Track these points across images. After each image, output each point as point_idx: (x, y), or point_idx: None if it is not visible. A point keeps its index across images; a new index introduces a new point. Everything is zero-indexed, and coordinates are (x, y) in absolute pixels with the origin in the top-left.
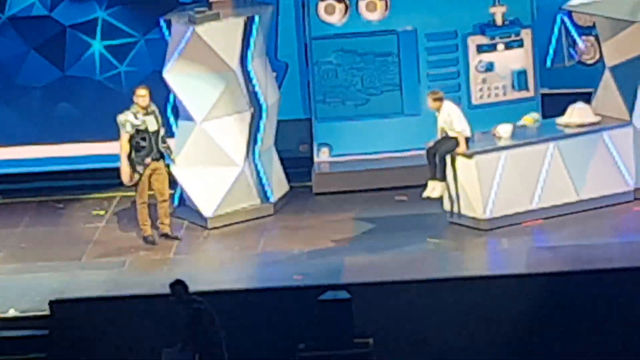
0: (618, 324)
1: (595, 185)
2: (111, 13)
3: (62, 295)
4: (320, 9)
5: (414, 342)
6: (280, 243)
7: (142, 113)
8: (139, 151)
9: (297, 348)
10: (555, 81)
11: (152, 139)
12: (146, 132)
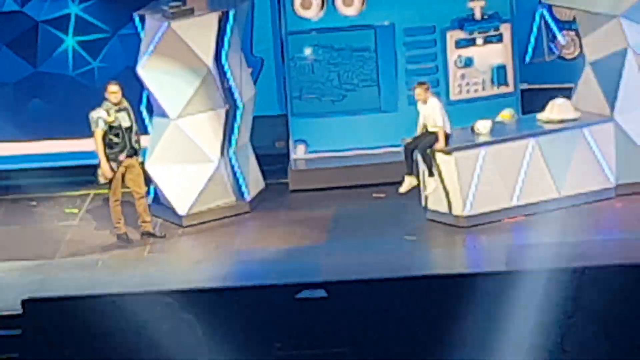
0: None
1: (576, 182)
2: (84, 8)
3: (35, 295)
4: (296, 4)
5: (390, 340)
6: (256, 241)
7: (115, 109)
8: (112, 148)
9: (274, 347)
10: (535, 76)
11: (126, 135)
12: (119, 128)
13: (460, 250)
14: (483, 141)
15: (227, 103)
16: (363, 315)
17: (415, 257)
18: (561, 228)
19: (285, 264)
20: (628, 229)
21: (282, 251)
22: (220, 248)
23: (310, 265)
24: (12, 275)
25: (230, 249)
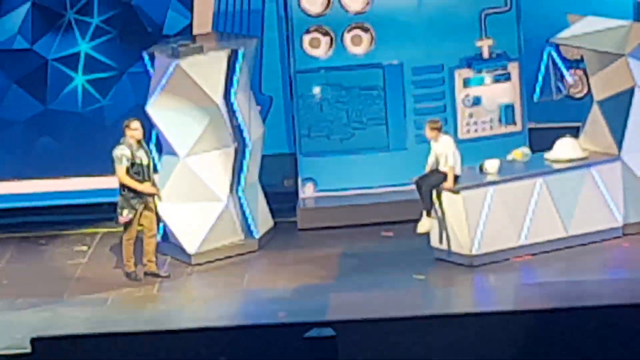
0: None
1: (584, 221)
2: (94, 46)
3: (44, 333)
4: (305, 42)
5: None
6: (265, 279)
7: (136, 147)
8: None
9: None
10: (542, 115)
11: (145, 172)
12: (140, 165)
13: (469, 290)
14: (491, 180)
15: (236, 141)
16: (371, 355)
17: (425, 296)
18: (568, 267)
19: (293, 303)
20: (635, 269)
21: (290, 290)
22: (229, 286)
23: (318, 304)
24: (21, 314)
25: (239, 287)
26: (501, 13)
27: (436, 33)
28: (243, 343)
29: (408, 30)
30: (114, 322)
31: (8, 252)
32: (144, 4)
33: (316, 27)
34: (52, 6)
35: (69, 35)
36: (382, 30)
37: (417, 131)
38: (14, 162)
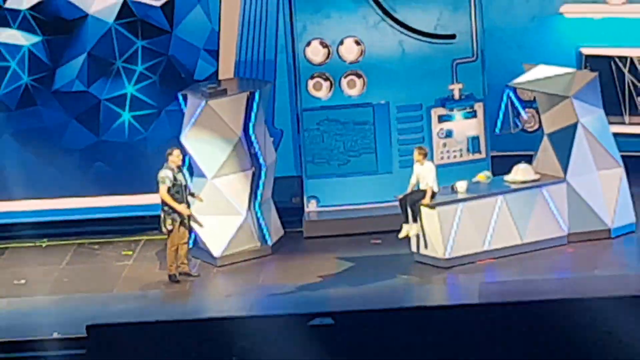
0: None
1: (536, 231)
2: (138, 89)
3: (96, 321)
4: (309, 86)
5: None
6: (277, 278)
7: (176, 170)
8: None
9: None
10: (502, 145)
11: (183, 192)
12: (180, 186)
13: (442, 287)
14: (460, 198)
15: (254, 166)
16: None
17: (406, 291)
18: (523, 269)
19: (299, 297)
20: (577, 270)
21: (297, 286)
22: (247, 284)
23: (320, 298)
24: (78, 306)
25: (256, 284)
26: (469, 62)
27: (416, 78)
28: (258, 330)
29: (393, 76)
30: (153, 312)
31: (68, 256)
32: (178, 54)
33: (318, 73)
34: (104, 56)
35: (118, 80)
36: (372, 76)
37: (400, 158)
38: (74, 183)
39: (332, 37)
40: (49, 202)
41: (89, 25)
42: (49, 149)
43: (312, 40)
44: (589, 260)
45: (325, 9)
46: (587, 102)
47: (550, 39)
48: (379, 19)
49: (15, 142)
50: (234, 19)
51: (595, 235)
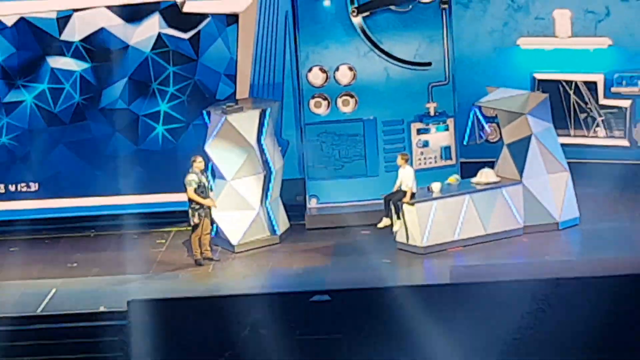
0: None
1: (497, 224)
2: (170, 106)
3: (135, 297)
4: (311, 105)
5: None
6: (284, 262)
7: (200, 174)
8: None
9: (296, 333)
10: (470, 153)
11: (207, 191)
12: (204, 187)
13: (420, 269)
14: (435, 197)
15: (265, 170)
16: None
17: (390, 273)
18: (486, 255)
19: (302, 278)
20: (532, 256)
21: (301, 269)
22: (259, 267)
23: (319, 278)
24: (121, 284)
25: (266, 267)
26: (442, 85)
27: (398, 98)
28: (268, 305)
29: (380, 96)
30: (182, 290)
31: (113, 244)
32: (203, 78)
33: (318, 94)
34: (141, 80)
35: (153, 99)
36: (362, 96)
37: (385, 164)
38: (117, 184)
39: (329, 64)
40: (96, 199)
41: (130, 54)
42: (96, 156)
43: (313, 67)
44: (541, 248)
45: (324, 41)
46: (539, 118)
47: (509, 66)
48: (368, 49)
49: (68, 151)
50: (248, 49)
51: (545, 228)
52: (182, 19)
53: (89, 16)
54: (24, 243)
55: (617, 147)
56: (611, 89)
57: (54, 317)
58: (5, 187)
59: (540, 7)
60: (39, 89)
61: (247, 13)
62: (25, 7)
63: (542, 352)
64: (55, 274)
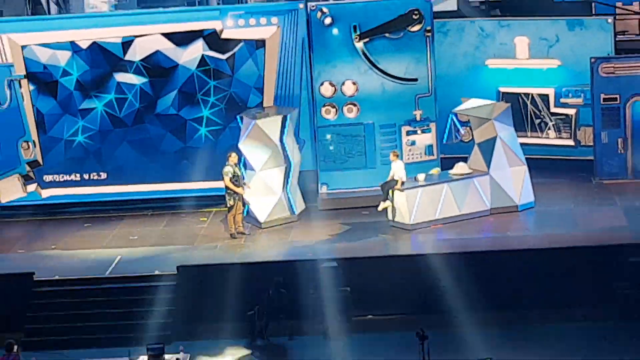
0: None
1: (469, 206)
2: (211, 112)
3: (183, 263)
4: (322, 111)
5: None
6: (300, 236)
7: (234, 166)
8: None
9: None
10: (448, 150)
11: (240, 180)
12: (237, 177)
13: (408, 242)
14: (420, 185)
15: (286, 163)
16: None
17: (385, 245)
18: (461, 231)
19: (315, 248)
20: (497, 232)
21: (314, 241)
22: (281, 240)
23: (328, 249)
24: (172, 253)
25: (287, 240)
26: (426, 97)
27: (392, 107)
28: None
29: (377, 105)
30: (220, 257)
31: (165, 221)
32: (237, 90)
33: (328, 103)
34: (188, 91)
35: (197, 107)
36: (363, 104)
37: (381, 158)
38: (168, 173)
39: (337, 79)
40: (152, 186)
41: (179, 71)
42: (152, 151)
43: (324, 82)
44: (504, 225)
45: (332, 61)
46: (503, 122)
47: (479, 82)
48: (368, 68)
49: (130, 147)
50: (273, 67)
51: (508, 210)
52: (221, 44)
53: (147, 41)
54: (95, 220)
55: (565, 146)
56: (560, 100)
57: (119, 279)
58: (80, 176)
59: (504, 34)
60: (108, 98)
61: (272, 39)
62: (97, 34)
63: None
64: (119, 244)
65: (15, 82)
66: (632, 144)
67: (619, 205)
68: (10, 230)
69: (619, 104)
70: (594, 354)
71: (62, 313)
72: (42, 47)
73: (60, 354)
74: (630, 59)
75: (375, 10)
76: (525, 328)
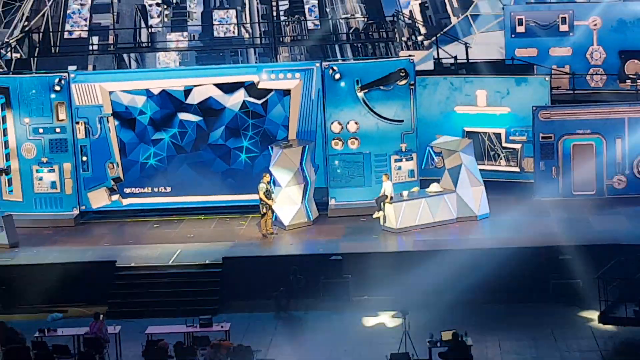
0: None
1: (441, 215)
2: (250, 143)
3: (227, 255)
4: (332, 144)
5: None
6: (315, 236)
7: (267, 183)
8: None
9: (321, 278)
10: (426, 173)
11: (271, 194)
12: (269, 192)
13: (395, 242)
14: (404, 199)
15: (305, 181)
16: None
17: (378, 243)
18: (434, 234)
19: (325, 245)
20: (461, 235)
21: (324, 240)
22: (300, 239)
23: (336, 246)
24: (219, 247)
25: (304, 239)
26: (410, 134)
27: (383, 141)
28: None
29: (372, 140)
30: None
31: (213, 224)
32: (269, 127)
33: (337, 137)
34: (233, 127)
35: (239, 139)
36: (363, 139)
37: (375, 179)
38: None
39: (343, 119)
40: (204, 197)
41: (226, 112)
42: (205, 171)
43: (334, 121)
44: (466, 231)
45: (340, 106)
46: (467, 153)
47: (449, 123)
48: (366, 111)
49: (189, 168)
50: (296, 110)
51: (469, 219)
52: (258, 92)
53: (202, 89)
54: (162, 222)
55: (512, 172)
56: (510, 137)
57: (179, 266)
58: (151, 189)
59: (468, 88)
60: (173, 131)
61: (296, 89)
62: (165, 83)
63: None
64: (179, 240)
65: (104, 119)
66: (562, 171)
67: (552, 217)
68: (98, 229)
69: (553, 141)
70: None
71: (136, 291)
72: (124, 93)
73: (134, 321)
74: (562, 107)
75: (372, 69)
76: (480, 307)
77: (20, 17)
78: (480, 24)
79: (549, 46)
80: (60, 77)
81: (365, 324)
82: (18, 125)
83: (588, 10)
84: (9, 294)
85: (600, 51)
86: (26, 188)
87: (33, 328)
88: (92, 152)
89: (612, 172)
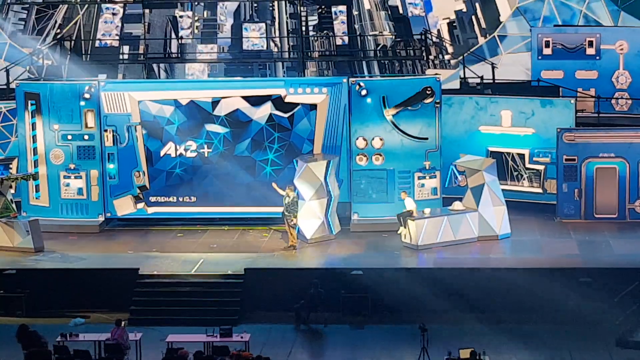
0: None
1: (462, 234)
2: (275, 156)
3: (249, 266)
4: (356, 159)
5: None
6: (337, 250)
7: (290, 193)
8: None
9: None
10: (449, 192)
11: (296, 207)
12: (295, 204)
13: (416, 258)
14: (427, 216)
15: (328, 195)
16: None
17: (399, 259)
18: (456, 252)
19: (347, 259)
20: (482, 254)
21: (347, 254)
22: (322, 252)
23: (357, 260)
24: (240, 259)
25: (326, 252)
26: (434, 151)
27: (408, 158)
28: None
29: (397, 156)
30: (278, 263)
31: (236, 235)
32: (294, 140)
33: (361, 153)
34: (259, 140)
35: (265, 151)
36: (387, 155)
37: (398, 195)
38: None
39: (368, 135)
40: (228, 208)
41: (252, 125)
42: (230, 183)
43: (359, 137)
44: (487, 249)
45: (366, 122)
46: (490, 173)
47: (473, 142)
48: (391, 128)
49: (214, 179)
50: (322, 124)
51: (490, 238)
52: (284, 105)
53: (230, 101)
54: (186, 232)
55: (535, 193)
56: (533, 159)
57: (201, 275)
58: (176, 198)
59: (493, 108)
60: (200, 142)
61: (322, 103)
62: (193, 94)
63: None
64: (203, 250)
65: (132, 127)
66: (585, 193)
67: (573, 238)
68: (123, 236)
69: (577, 163)
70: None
71: (158, 299)
72: (153, 102)
73: (155, 329)
74: (587, 130)
75: (399, 86)
76: (499, 326)
77: (53, 25)
78: (507, 45)
79: (575, 69)
80: (90, 85)
81: (383, 339)
82: (47, 131)
83: (615, 35)
84: (33, 298)
85: (626, 75)
86: (53, 193)
87: (55, 332)
88: (119, 160)
89: (634, 196)
